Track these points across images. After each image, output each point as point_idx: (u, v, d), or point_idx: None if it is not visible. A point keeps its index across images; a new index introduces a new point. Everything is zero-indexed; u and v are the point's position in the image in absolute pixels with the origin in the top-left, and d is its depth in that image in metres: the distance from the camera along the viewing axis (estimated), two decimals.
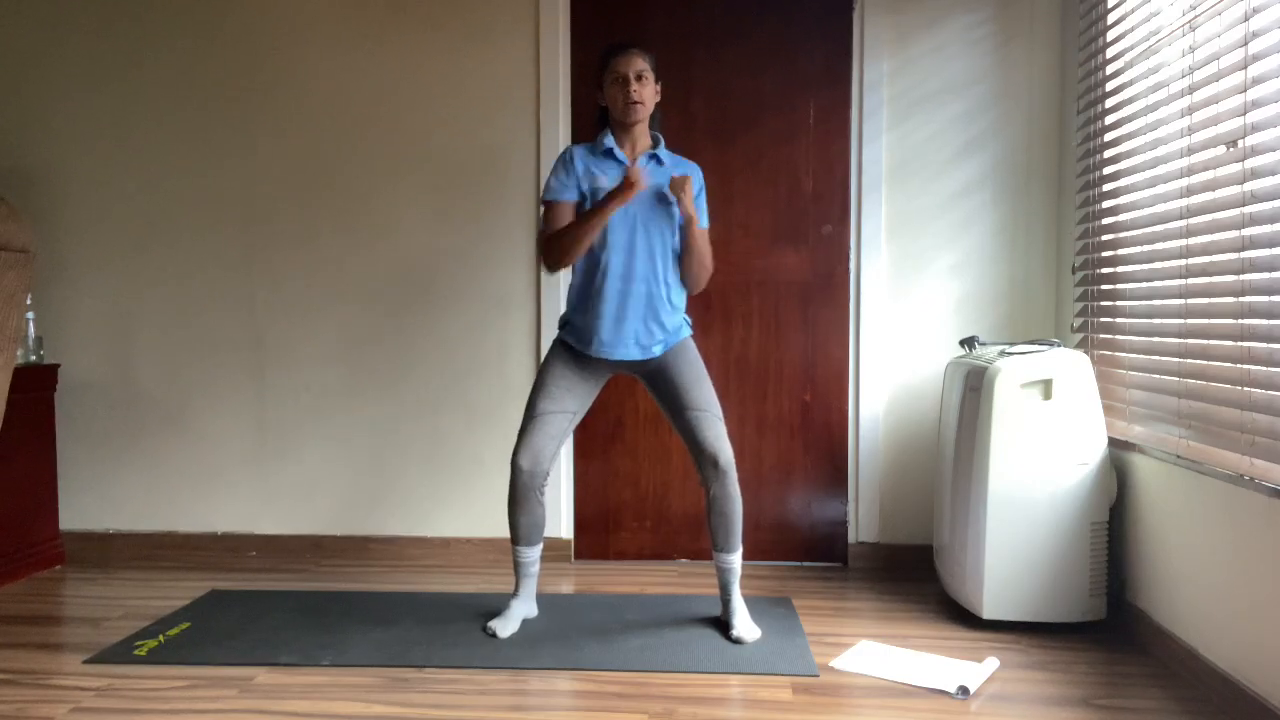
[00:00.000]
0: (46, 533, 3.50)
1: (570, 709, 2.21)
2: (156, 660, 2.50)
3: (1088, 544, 2.69)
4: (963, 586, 2.83)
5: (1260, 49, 2.12)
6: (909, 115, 3.36)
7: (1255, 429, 2.13)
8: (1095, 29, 3.01)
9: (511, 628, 2.69)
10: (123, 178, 3.55)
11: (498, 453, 3.47)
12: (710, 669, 2.43)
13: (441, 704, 2.23)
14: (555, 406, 2.68)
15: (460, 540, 3.52)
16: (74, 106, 3.55)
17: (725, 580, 2.71)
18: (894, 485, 3.42)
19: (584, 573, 3.38)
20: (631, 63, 2.63)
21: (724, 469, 2.63)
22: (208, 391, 3.57)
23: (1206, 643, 2.31)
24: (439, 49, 3.45)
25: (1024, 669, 2.45)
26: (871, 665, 2.46)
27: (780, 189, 3.43)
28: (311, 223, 3.51)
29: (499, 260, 3.47)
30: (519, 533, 2.72)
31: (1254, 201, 2.15)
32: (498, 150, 3.45)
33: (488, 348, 3.49)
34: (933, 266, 3.38)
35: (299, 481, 3.56)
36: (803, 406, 3.46)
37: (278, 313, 3.54)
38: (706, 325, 3.41)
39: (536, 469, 2.66)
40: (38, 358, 3.46)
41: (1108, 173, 2.93)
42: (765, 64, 3.42)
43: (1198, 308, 2.40)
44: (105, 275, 3.57)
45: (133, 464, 3.59)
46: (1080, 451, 2.69)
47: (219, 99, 3.52)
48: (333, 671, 2.43)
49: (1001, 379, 2.69)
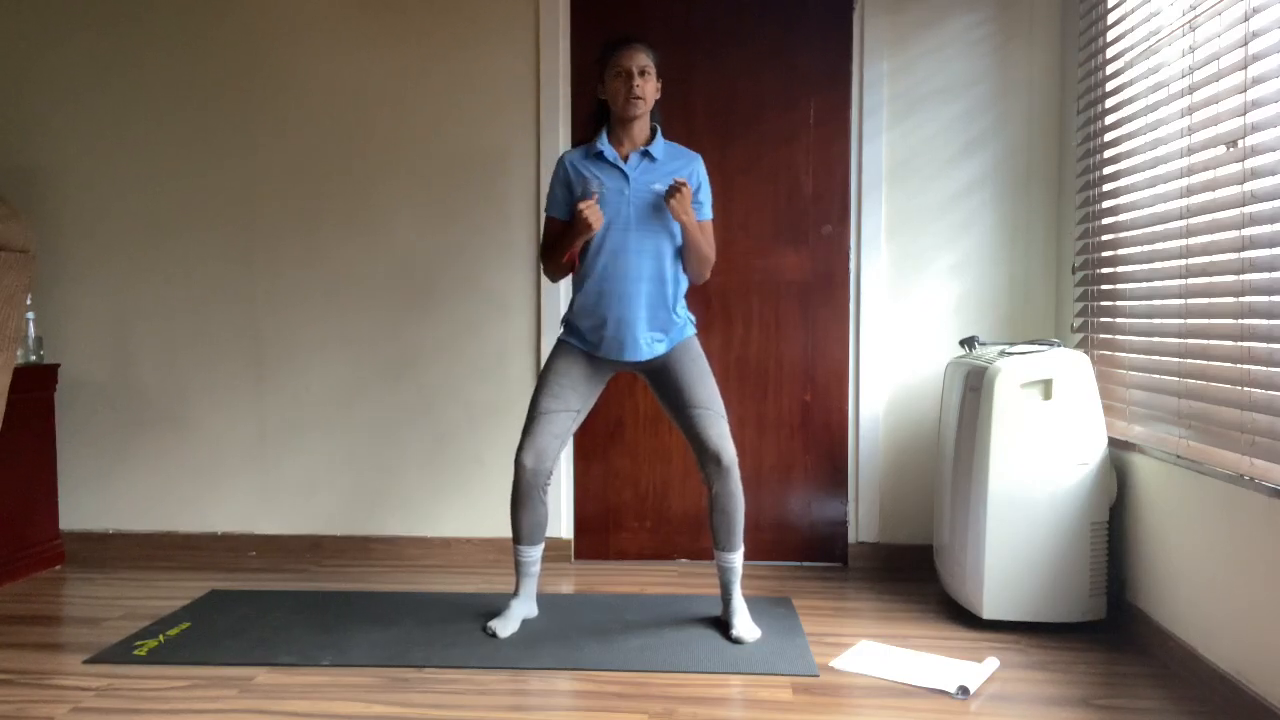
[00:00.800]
0: (46, 533, 3.50)
1: (570, 709, 2.21)
2: (156, 660, 2.50)
3: (1088, 544, 2.69)
4: (963, 586, 2.83)
5: (1260, 49, 2.12)
6: (909, 115, 3.37)
7: (1255, 429, 2.13)
8: (1095, 29, 3.01)
9: (511, 628, 2.69)
10: (123, 178, 3.55)
11: (498, 452, 3.47)
12: (710, 669, 2.43)
13: (441, 704, 2.23)
14: (559, 405, 2.67)
15: (461, 540, 3.52)
16: (74, 106, 3.55)
17: (726, 580, 2.71)
18: (894, 485, 3.42)
19: (584, 573, 3.38)
20: (634, 57, 2.62)
21: (727, 467, 2.63)
22: (208, 391, 3.57)
23: (1206, 643, 2.31)
24: (439, 49, 3.45)
25: (1024, 669, 2.45)
26: (871, 665, 2.46)
27: (780, 189, 3.43)
28: (311, 223, 3.51)
29: (499, 260, 3.47)
30: (521, 532, 2.72)
31: (1254, 201, 2.15)
32: (498, 150, 3.45)
33: (488, 347, 3.49)
34: (933, 266, 3.38)
35: (299, 481, 3.56)
36: (803, 406, 3.46)
37: (278, 313, 3.54)
38: (707, 325, 3.41)
39: (540, 467, 2.65)
40: (38, 358, 3.46)
41: (1108, 173, 2.93)
42: (765, 64, 3.42)
43: (1198, 308, 2.40)
44: (105, 275, 3.58)
45: (133, 464, 3.59)
46: (1080, 451, 2.69)
47: (219, 99, 3.52)
48: (333, 671, 2.43)
49: (1001, 379, 2.69)
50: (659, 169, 2.66)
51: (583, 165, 2.68)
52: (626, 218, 2.63)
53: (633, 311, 2.64)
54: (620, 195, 2.63)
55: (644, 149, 2.67)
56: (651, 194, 2.63)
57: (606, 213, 2.61)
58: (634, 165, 2.66)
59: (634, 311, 2.64)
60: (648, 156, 2.67)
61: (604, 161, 2.66)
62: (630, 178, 2.64)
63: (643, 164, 2.66)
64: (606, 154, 2.66)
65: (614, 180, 2.64)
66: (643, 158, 2.67)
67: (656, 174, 2.65)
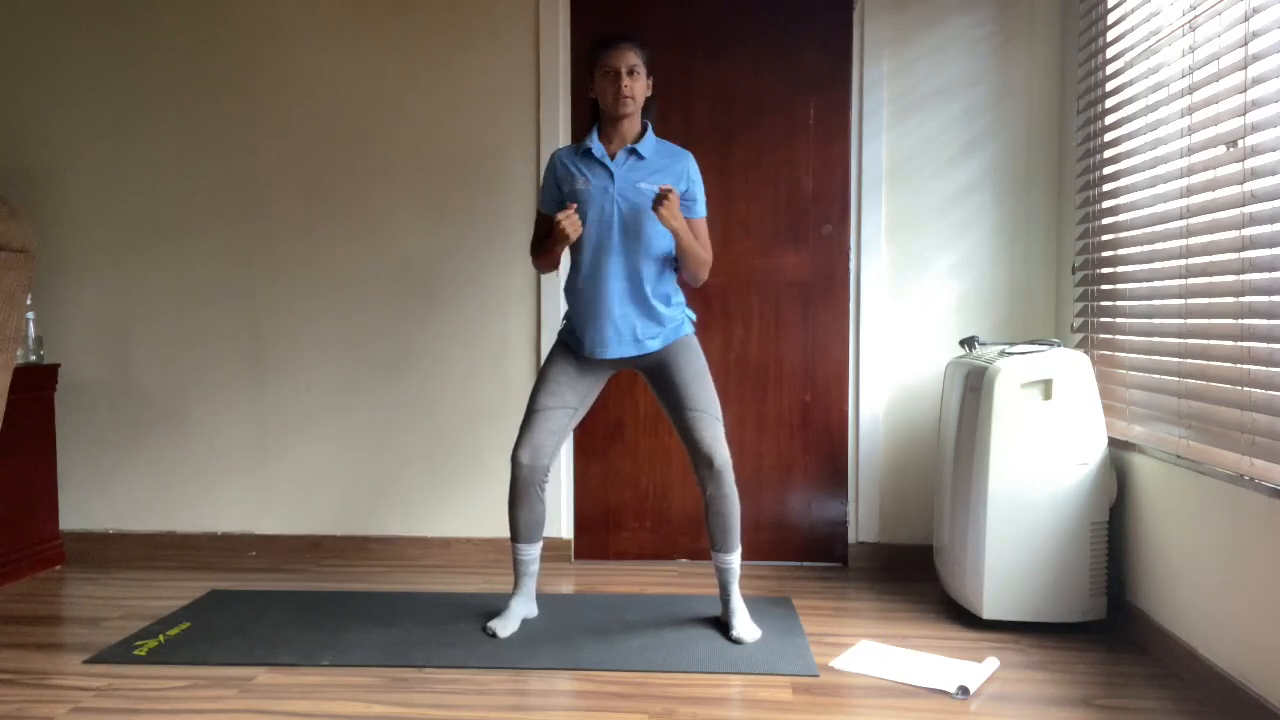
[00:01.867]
0: (46, 533, 3.50)
1: (570, 709, 2.21)
2: (156, 660, 2.50)
3: (1088, 544, 2.69)
4: (963, 586, 2.83)
5: (1260, 49, 2.12)
6: (909, 115, 3.36)
7: (1255, 429, 2.13)
8: (1095, 29, 3.01)
9: (511, 627, 2.69)
10: (123, 178, 3.55)
11: (498, 452, 3.47)
12: (710, 669, 2.43)
13: (441, 704, 2.23)
14: (556, 402, 2.68)
15: (460, 540, 3.52)
16: (74, 107, 3.55)
17: (724, 580, 2.71)
18: (894, 485, 3.42)
19: (584, 573, 3.38)
20: (623, 57, 2.62)
21: (719, 470, 2.63)
22: (208, 391, 3.57)
23: (1206, 643, 2.31)
24: (439, 49, 3.45)
25: (1024, 669, 2.45)
26: (871, 665, 2.46)
27: (780, 189, 3.43)
28: (311, 223, 3.51)
29: (499, 259, 3.47)
30: (519, 530, 2.72)
31: (1254, 201, 2.15)
32: (498, 150, 3.45)
33: (488, 346, 3.49)
34: (933, 266, 3.38)
35: (299, 481, 3.56)
36: (803, 406, 3.46)
37: (278, 312, 3.54)
38: (707, 325, 3.41)
39: (536, 464, 2.65)
40: (38, 358, 3.46)
41: (1108, 173, 2.93)
42: (765, 64, 3.42)
43: (1198, 308, 2.40)
44: (105, 275, 3.58)
45: (133, 464, 3.59)
46: (1080, 451, 2.69)
47: (219, 100, 3.52)
48: (333, 671, 2.43)
49: (1001, 379, 2.69)
50: (646, 167, 2.66)
51: (572, 162, 2.69)
52: (610, 215, 2.63)
53: (610, 309, 2.64)
54: (605, 193, 2.63)
55: (631, 146, 2.66)
56: (637, 192, 2.63)
57: (591, 210, 2.62)
58: (620, 163, 2.65)
59: (611, 308, 2.64)
60: (635, 154, 2.66)
61: (592, 158, 2.66)
62: (615, 175, 2.64)
63: (629, 162, 2.66)
64: (594, 151, 2.65)
65: (600, 178, 2.64)
66: (629, 155, 2.66)
67: (644, 172, 2.65)
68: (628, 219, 2.63)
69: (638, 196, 2.62)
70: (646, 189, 2.62)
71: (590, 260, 2.65)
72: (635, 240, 2.63)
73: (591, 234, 2.63)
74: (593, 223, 2.63)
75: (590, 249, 2.64)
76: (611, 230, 2.63)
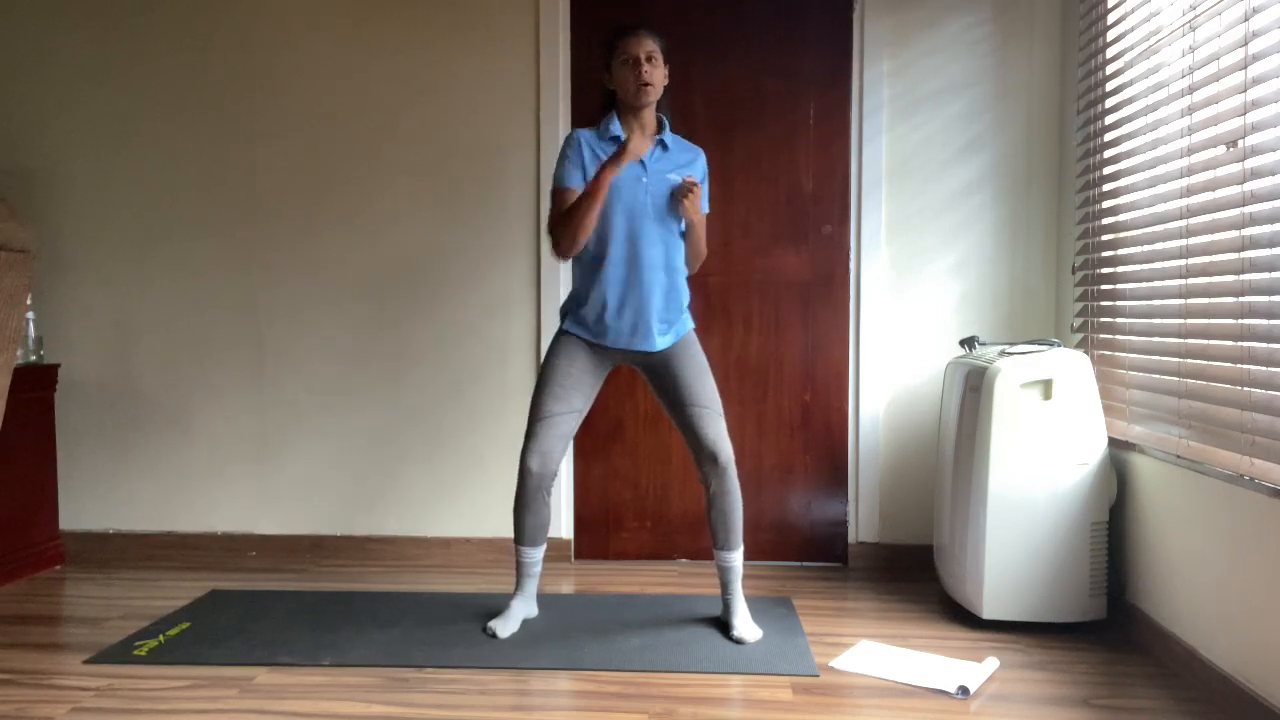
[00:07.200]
0: (46, 533, 3.50)
1: (570, 709, 2.21)
2: (156, 660, 2.50)
3: (1088, 544, 2.69)
4: (963, 586, 2.83)
5: (1260, 49, 2.12)
6: (909, 115, 3.37)
7: (1255, 429, 2.13)
8: (1095, 29, 3.01)
9: (512, 628, 2.69)
10: (123, 178, 3.55)
11: (498, 452, 3.47)
12: (710, 669, 2.43)
13: (441, 704, 2.23)
14: (563, 407, 2.66)
15: (460, 540, 3.52)
16: (75, 107, 3.55)
17: (726, 579, 2.71)
18: (894, 485, 3.42)
19: (584, 573, 3.38)
20: (642, 44, 2.60)
21: (723, 466, 2.63)
22: (208, 391, 3.57)
23: (1206, 643, 2.31)
24: (440, 49, 3.45)
25: (1024, 669, 2.45)
26: (871, 665, 2.46)
27: (780, 189, 3.43)
28: (312, 222, 3.51)
29: (499, 260, 3.47)
30: (524, 533, 2.71)
31: (1254, 201, 2.15)
32: (498, 149, 3.45)
33: (488, 347, 3.49)
34: (933, 266, 3.38)
35: (299, 481, 3.56)
36: (803, 406, 3.46)
37: (278, 312, 3.54)
38: (707, 325, 3.41)
39: (546, 470, 2.65)
40: (38, 358, 3.46)
41: (1108, 173, 2.93)
42: (765, 64, 3.42)
43: (1198, 308, 2.40)
44: (105, 275, 3.57)
45: (133, 464, 3.59)
46: (1080, 451, 2.69)
47: (220, 100, 3.52)
48: (333, 671, 2.43)
49: (1001, 379, 2.69)
50: (671, 159, 2.67)
51: (597, 146, 2.65)
52: (644, 206, 2.62)
53: (650, 300, 2.63)
54: (638, 183, 2.61)
55: (660, 138, 2.66)
56: (666, 183, 2.63)
57: (623, 199, 2.60)
58: (650, 154, 2.64)
59: (651, 300, 2.63)
60: (662, 145, 2.66)
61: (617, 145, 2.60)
62: (648, 166, 2.63)
63: (657, 153, 2.65)
64: (622, 137, 2.60)
65: (630, 168, 2.61)
66: (657, 146, 2.66)
67: (669, 164, 2.66)
68: (659, 209, 2.63)
69: (665, 188, 2.63)
70: (674, 180, 2.62)
71: (625, 251, 2.61)
72: (668, 230, 2.64)
73: (622, 223, 2.61)
74: (623, 212, 2.60)
75: (622, 239, 2.61)
76: (645, 221, 2.61)
